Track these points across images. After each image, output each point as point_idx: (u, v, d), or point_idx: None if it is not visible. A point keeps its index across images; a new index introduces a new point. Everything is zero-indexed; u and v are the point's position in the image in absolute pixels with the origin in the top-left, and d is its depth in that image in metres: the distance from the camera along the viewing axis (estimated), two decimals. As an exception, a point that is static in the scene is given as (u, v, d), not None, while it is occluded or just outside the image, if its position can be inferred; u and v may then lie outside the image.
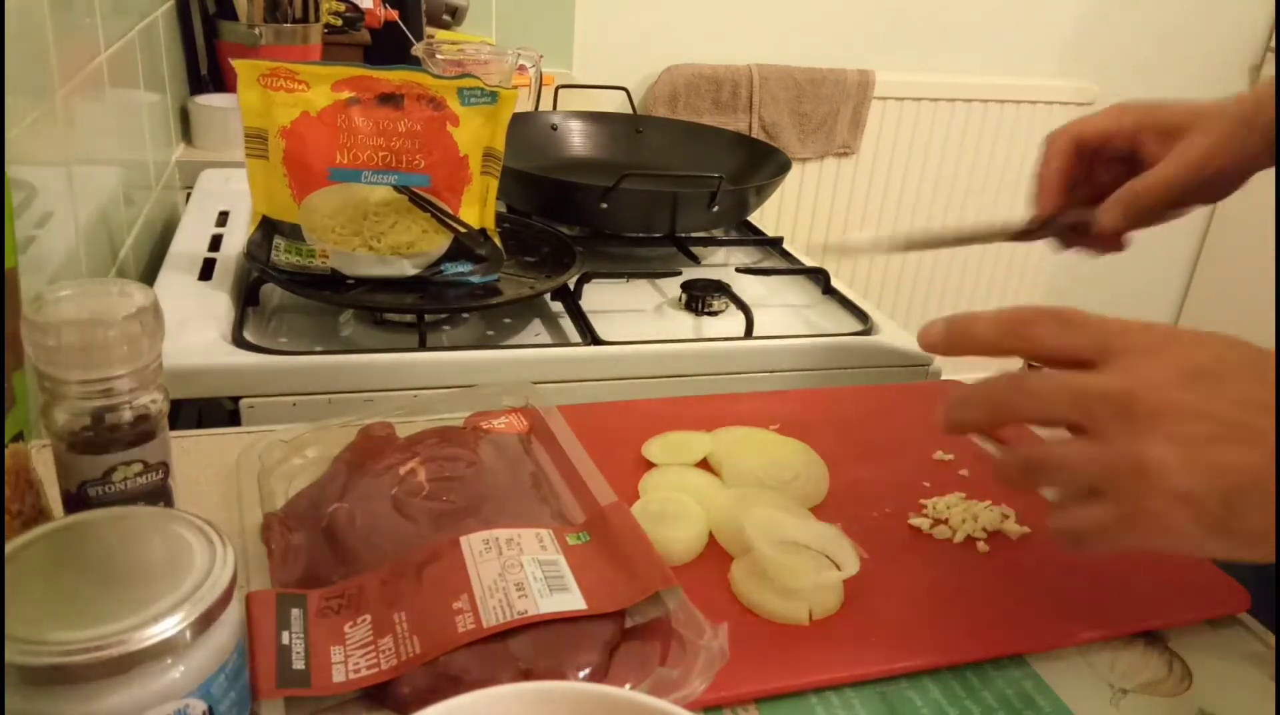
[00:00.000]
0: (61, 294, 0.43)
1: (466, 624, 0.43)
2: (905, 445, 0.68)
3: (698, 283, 0.94)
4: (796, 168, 2.13)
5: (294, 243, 0.81)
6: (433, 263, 0.83)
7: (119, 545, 0.37)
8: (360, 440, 0.59)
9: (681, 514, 0.55)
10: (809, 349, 0.86)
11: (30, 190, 0.68)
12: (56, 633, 0.32)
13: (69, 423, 0.43)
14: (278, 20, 1.37)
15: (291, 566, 0.49)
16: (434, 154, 0.81)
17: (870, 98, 2.10)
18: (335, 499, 0.53)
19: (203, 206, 1.05)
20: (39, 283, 0.69)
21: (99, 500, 0.45)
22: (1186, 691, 0.48)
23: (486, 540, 0.48)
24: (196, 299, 0.82)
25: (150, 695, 0.33)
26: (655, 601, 0.46)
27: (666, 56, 2.01)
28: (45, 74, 0.73)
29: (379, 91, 0.80)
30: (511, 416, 0.63)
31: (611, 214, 0.99)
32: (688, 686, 0.42)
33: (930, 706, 0.46)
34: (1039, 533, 0.58)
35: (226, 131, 1.28)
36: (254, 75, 0.78)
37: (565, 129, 1.25)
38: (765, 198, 1.09)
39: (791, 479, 0.60)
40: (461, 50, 1.27)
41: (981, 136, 2.22)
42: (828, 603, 0.50)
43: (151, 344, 0.44)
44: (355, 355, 0.77)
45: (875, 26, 2.10)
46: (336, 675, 0.42)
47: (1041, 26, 2.20)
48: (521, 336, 0.87)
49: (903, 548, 0.56)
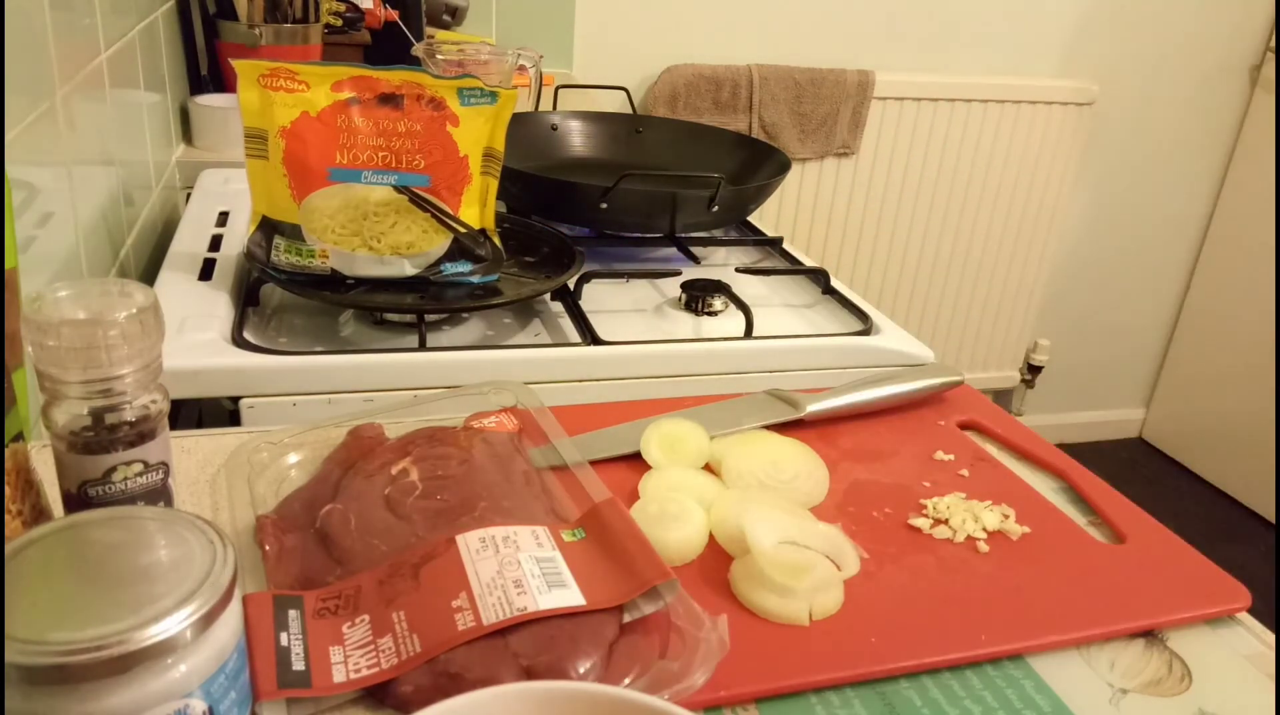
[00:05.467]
0: (61, 294, 0.43)
1: (466, 622, 0.43)
2: (905, 445, 0.68)
3: (698, 283, 0.94)
4: (796, 168, 2.13)
5: (294, 243, 0.81)
6: (432, 263, 0.83)
7: (119, 545, 0.37)
8: (350, 441, 0.60)
9: (681, 514, 0.55)
10: (809, 349, 0.86)
11: (30, 190, 0.68)
12: (57, 633, 0.32)
13: (69, 423, 0.43)
14: (278, 20, 1.37)
15: (287, 568, 0.49)
16: (434, 154, 0.81)
17: (870, 98, 2.10)
18: (328, 500, 0.53)
19: (203, 206, 1.05)
20: (39, 283, 0.69)
21: (99, 500, 0.45)
22: (1186, 691, 0.48)
23: (483, 538, 0.48)
24: (196, 299, 0.82)
25: (150, 695, 0.33)
26: (653, 596, 0.46)
27: (666, 56, 2.01)
28: (45, 74, 0.73)
29: (379, 91, 0.80)
30: (502, 416, 0.63)
31: (611, 214, 0.99)
32: (689, 679, 0.43)
33: (930, 706, 0.46)
34: (1039, 533, 0.58)
35: (226, 131, 1.28)
36: (254, 75, 0.78)
37: (565, 129, 1.25)
38: (765, 198, 1.09)
39: (791, 479, 0.60)
40: (461, 50, 1.27)
41: (981, 136, 2.22)
42: (828, 603, 0.50)
43: (151, 344, 0.44)
44: (355, 355, 0.77)
45: (875, 26, 2.10)
46: (337, 675, 0.42)
47: (1041, 26, 2.20)
48: (521, 336, 0.87)
49: (903, 548, 0.56)
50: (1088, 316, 2.58)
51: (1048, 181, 2.32)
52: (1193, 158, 2.45)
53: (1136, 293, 2.59)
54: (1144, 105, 2.34)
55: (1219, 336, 2.52)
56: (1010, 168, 2.28)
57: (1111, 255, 2.52)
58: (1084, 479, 0.66)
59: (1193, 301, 2.60)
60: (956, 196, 2.28)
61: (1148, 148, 2.40)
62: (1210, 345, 2.55)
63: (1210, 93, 2.37)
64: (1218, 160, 2.47)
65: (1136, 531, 0.59)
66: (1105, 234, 2.49)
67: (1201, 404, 2.58)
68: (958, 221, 2.31)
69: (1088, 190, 2.42)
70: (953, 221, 2.30)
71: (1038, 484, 0.66)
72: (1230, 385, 2.49)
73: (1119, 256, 2.53)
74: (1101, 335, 2.62)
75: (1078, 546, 0.58)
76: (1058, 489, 0.66)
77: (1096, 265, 2.52)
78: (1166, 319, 2.65)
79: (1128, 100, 2.32)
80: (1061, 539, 0.58)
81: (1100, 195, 2.43)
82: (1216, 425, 2.54)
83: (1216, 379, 2.53)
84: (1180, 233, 2.54)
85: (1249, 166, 2.42)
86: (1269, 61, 2.34)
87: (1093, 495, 0.64)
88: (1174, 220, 2.52)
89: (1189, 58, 2.31)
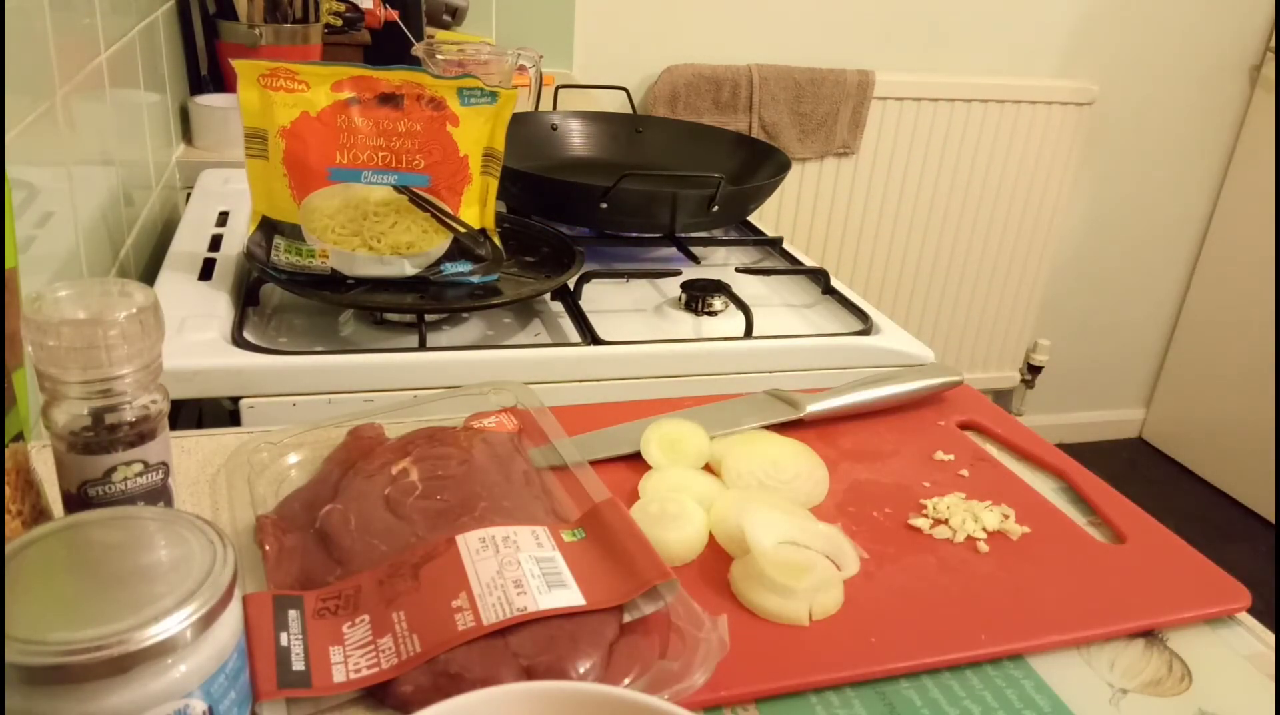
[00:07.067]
0: (61, 294, 0.43)
1: (466, 622, 0.43)
2: (905, 445, 0.68)
3: (698, 283, 0.94)
4: (796, 168, 2.13)
5: (294, 243, 0.81)
6: (432, 263, 0.83)
7: (119, 545, 0.37)
8: (350, 441, 0.60)
9: (681, 514, 0.55)
10: (809, 349, 0.86)
11: (30, 190, 0.68)
12: (57, 633, 0.32)
13: (69, 423, 0.43)
14: (278, 20, 1.37)
15: (287, 568, 0.49)
16: (434, 154, 0.81)
17: (870, 98, 2.11)
18: (328, 500, 0.53)
19: (203, 206, 1.05)
20: (39, 283, 0.69)
21: (99, 500, 0.45)
22: (1186, 691, 0.48)
23: (483, 538, 0.48)
24: (196, 299, 0.82)
25: (150, 695, 0.33)
26: (653, 596, 0.46)
27: (666, 56, 2.01)
28: (45, 74, 0.73)
29: (379, 91, 0.80)
30: (502, 416, 0.63)
31: (611, 214, 0.99)
32: (689, 678, 0.43)
33: (930, 706, 0.46)
34: (1039, 533, 0.58)
35: (226, 131, 1.29)
36: (254, 75, 0.78)
37: (565, 129, 1.25)
38: (765, 198, 1.09)
39: (791, 479, 0.60)
40: (461, 50, 1.27)
41: (981, 136, 2.22)
42: (828, 603, 0.50)
43: (151, 344, 0.44)
44: (355, 355, 0.77)
45: (875, 26, 2.10)
46: (337, 675, 0.42)
47: (1041, 26, 2.20)
48: (521, 336, 0.87)
49: (903, 548, 0.56)
50: (1088, 316, 2.58)
51: (1048, 181, 2.32)
52: (1193, 158, 2.45)
53: (1136, 293, 2.59)
54: (1144, 105, 2.34)
55: (1219, 336, 2.52)
56: (1010, 168, 2.28)
57: (1111, 255, 2.52)
58: (1084, 479, 0.66)
59: (1193, 302, 2.60)
60: (956, 196, 2.28)
61: (1148, 148, 2.40)
62: (1210, 345, 2.55)
63: (1210, 93, 2.37)
64: (1218, 160, 2.47)
65: (1136, 531, 0.59)
66: (1105, 234, 2.49)
67: (1201, 404, 2.58)
68: (958, 221, 2.31)
69: (1088, 190, 2.42)
70: (953, 221, 2.30)
71: (1038, 484, 0.66)
72: (1230, 385, 2.49)
73: (1119, 256, 2.53)
74: (1101, 335, 2.62)
75: (1078, 546, 0.58)
76: (1058, 489, 0.66)
77: (1096, 265, 2.52)
78: (1166, 319, 2.65)
79: (1128, 100, 2.32)
80: (1061, 539, 0.58)
81: (1100, 195, 2.43)
82: (1216, 425, 2.54)
83: (1216, 379, 2.53)
84: (1180, 233, 2.54)
85: (1249, 166, 2.42)
86: (1269, 61, 2.34)
87: (1093, 495, 0.64)
88: (1174, 220, 2.52)
89: (1189, 58, 2.31)
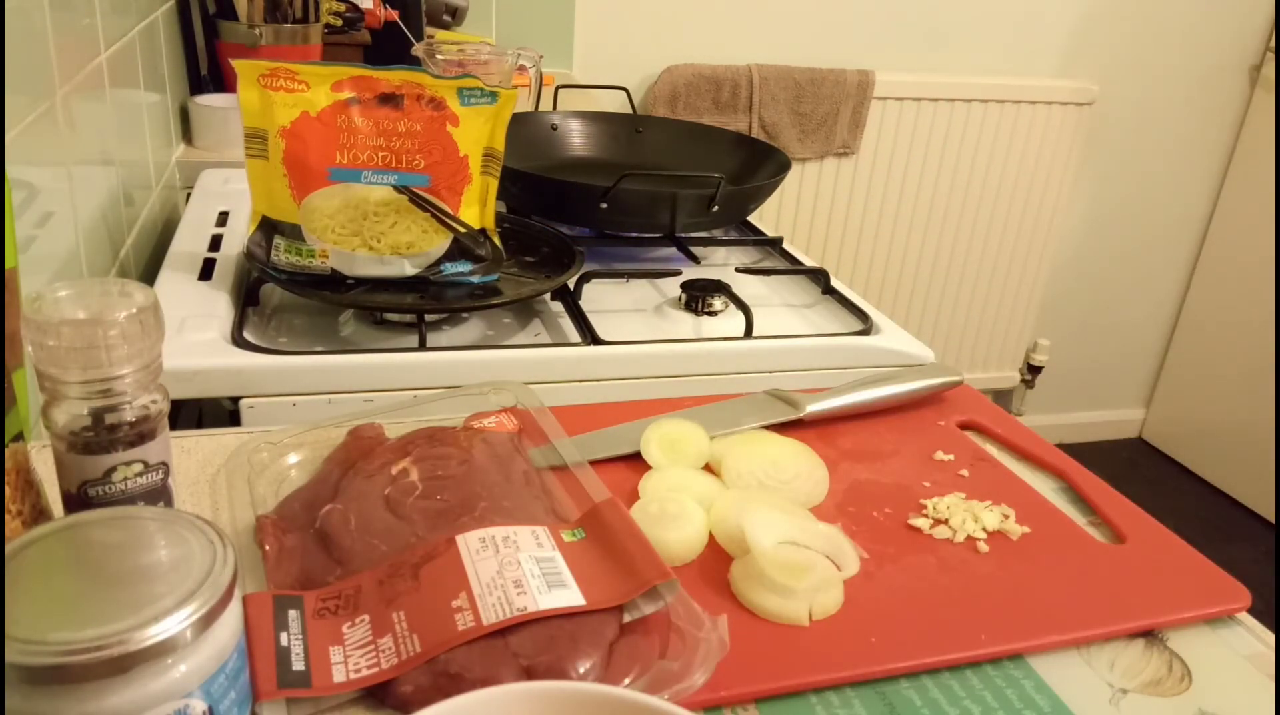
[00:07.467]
0: (61, 294, 0.43)
1: (466, 622, 0.43)
2: (905, 445, 0.68)
3: (698, 283, 0.94)
4: (796, 168, 2.13)
5: (294, 243, 0.81)
6: (432, 263, 0.83)
7: (119, 545, 0.37)
8: (350, 441, 0.60)
9: (681, 514, 0.55)
10: (809, 349, 0.86)
11: (30, 190, 0.68)
12: (57, 633, 0.32)
13: (69, 423, 0.43)
14: (278, 20, 1.37)
15: (287, 568, 0.49)
16: (434, 154, 0.81)
17: (870, 98, 2.11)
18: (328, 500, 0.53)
19: (203, 206, 1.05)
20: (39, 283, 0.69)
21: (99, 500, 0.45)
22: (1186, 691, 0.48)
23: (483, 538, 0.48)
24: (196, 299, 0.82)
25: (150, 695, 0.33)
26: (653, 596, 0.46)
27: (666, 56, 2.01)
28: (45, 74, 0.73)
29: (379, 91, 0.80)
30: (502, 416, 0.63)
31: (611, 214, 0.99)
32: (689, 679, 0.43)
33: (930, 706, 0.46)
34: (1039, 533, 0.58)
35: (226, 131, 1.29)
36: (254, 75, 0.78)
37: (565, 129, 1.25)
38: (765, 198, 1.09)
39: (791, 479, 0.60)
40: (461, 50, 1.27)
41: (981, 136, 2.22)
42: (828, 603, 0.50)
43: (151, 344, 0.44)
44: (355, 355, 0.77)
45: (875, 26, 2.10)
46: (337, 675, 0.42)
47: (1041, 26, 2.20)
48: (521, 336, 0.87)
49: (903, 548, 0.56)
50: (1088, 316, 2.58)
51: (1048, 181, 2.32)
52: (1193, 158, 2.45)
53: (1136, 293, 2.59)
54: (1144, 105, 2.34)
55: (1219, 336, 2.52)
56: (1010, 168, 2.28)
57: (1111, 255, 2.52)
58: (1084, 479, 0.66)
59: (1193, 302, 2.60)
60: (956, 196, 2.28)
61: (1148, 148, 2.40)
62: (1210, 345, 2.55)
63: (1210, 93, 2.37)
64: (1218, 160, 2.47)
65: (1136, 531, 0.59)
66: (1105, 234, 2.49)
67: (1201, 404, 2.58)
68: (958, 221, 2.31)
69: (1088, 190, 2.42)
70: (953, 221, 2.30)
71: (1038, 484, 0.66)
72: (1230, 385, 2.49)
73: (1119, 256, 2.53)
74: (1101, 335, 2.62)
75: (1078, 546, 0.58)
76: (1058, 489, 0.66)
77: (1096, 265, 2.52)
78: (1166, 319, 2.65)
79: (1128, 100, 2.32)
80: (1061, 539, 0.58)
81: (1100, 195, 2.43)
82: (1216, 425, 2.54)
83: (1216, 379, 2.53)
84: (1180, 233, 2.54)
85: (1249, 166, 2.42)
86: (1269, 61, 2.34)
87: (1093, 495, 0.64)
88: (1174, 220, 2.52)
89: (1189, 58, 2.31)
